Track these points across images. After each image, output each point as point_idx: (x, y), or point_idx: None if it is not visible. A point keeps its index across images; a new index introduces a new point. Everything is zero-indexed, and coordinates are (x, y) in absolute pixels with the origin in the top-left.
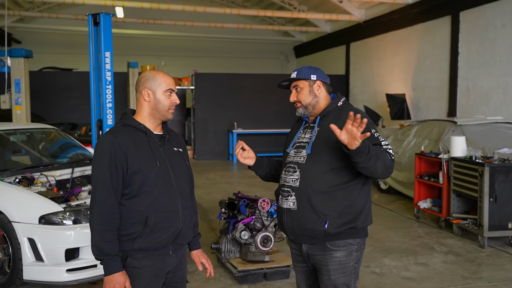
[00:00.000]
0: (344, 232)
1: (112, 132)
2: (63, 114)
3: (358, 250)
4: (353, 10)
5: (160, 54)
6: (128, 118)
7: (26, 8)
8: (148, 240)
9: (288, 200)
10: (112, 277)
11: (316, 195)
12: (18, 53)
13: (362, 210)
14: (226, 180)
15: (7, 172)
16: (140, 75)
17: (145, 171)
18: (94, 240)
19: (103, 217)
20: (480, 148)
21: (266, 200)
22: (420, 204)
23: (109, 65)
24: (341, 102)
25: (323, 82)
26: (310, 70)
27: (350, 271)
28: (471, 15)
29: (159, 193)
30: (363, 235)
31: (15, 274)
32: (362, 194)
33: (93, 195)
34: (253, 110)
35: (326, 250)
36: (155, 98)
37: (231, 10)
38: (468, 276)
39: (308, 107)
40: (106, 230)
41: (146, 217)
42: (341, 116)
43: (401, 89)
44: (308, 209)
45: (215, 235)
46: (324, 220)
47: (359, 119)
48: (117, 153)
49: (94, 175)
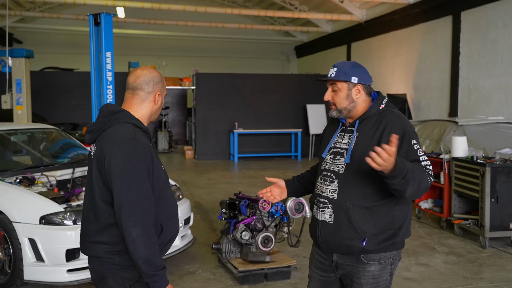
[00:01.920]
0: (381, 247)
1: (138, 136)
2: (64, 114)
3: (393, 263)
4: (354, 10)
5: (161, 54)
6: (133, 118)
7: (27, 8)
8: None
9: (324, 212)
10: None
11: (356, 210)
12: (19, 53)
13: (402, 225)
14: (227, 180)
15: (8, 172)
16: (148, 74)
17: (159, 175)
18: (146, 256)
19: (151, 230)
20: (482, 148)
21: (267, 201)
22: (421, 204)
23: (110, 65)
24: (383, 104)
25: (363, 85)
26: (352, 70)
27: (383, 284)
28: (472, 15)
29: (167, 198)
30: (400, 247)
31: (16, 274)
32: (403, 207)
33: (134, 207)
34: (254, 110)
35: (360, 263)
36: (161, 102)
37: (232, 10)
38: (469, 276)
39: (343, 112)
40: (156, 243)
41: (161, 224)
42: (381, 122)
43: (402, 89)
44: (346, 224)
45: (215, 236)
46: (362, 237)
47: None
48: (148, 159)
49: (132, 185)
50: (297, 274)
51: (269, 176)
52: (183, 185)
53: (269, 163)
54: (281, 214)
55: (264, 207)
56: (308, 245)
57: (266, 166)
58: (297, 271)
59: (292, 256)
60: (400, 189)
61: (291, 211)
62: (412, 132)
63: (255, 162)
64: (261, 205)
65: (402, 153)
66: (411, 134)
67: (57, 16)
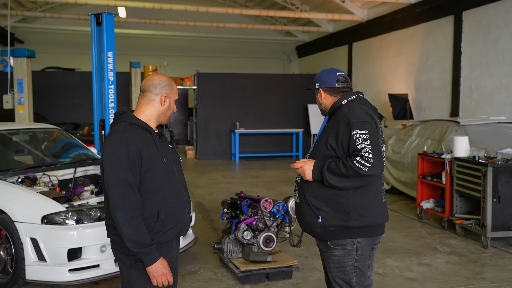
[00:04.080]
0: (341, 231)
1: (124, 131)
2: (66, 114)
3: (359, 250)
4: (355, 10)
5: (163, 54)
6: (132, 117)
7: (28, 8)
8: (159, 233)
9: (295, 195)
10: (157, 265)
11: (310, 191)
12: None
13: (356, 209)
14: (228, 180)
15: (9, 172)
16: (156, 78)
17: (156, 168)
18: (129, 235)
19: (133, 212)
20: (483, 148)
21: (269, 200)
22: (423, 204)
23: (112, 65)
24: (346, 100)
25: (325, 88)
26: (317, 77)
27: (349, 270)
28: (474, 14)
29: (168, 189)
30: (365, 234)
31: (18, 274)
32: (357, 193)
33: (116, 193)
34: (256, 110)
35: (328, 248)
36: (168, 104)
37: (233, 10)
38: (471, 276)
39: (322, 112)
40: (139, 223)
41: (158, 212)
42: (336, 116)
43: (404, 89)
44: (305, 203)
45: (217, 235)
46: (317, 214)
47: (298, 169)
48: (133, 151)
49: (114, 175)
50: (298, 274)
51: (269, 176)
52: None
53: (271, 163)
54: (282, 214)
55: (265, 207)
56: (309, 245)
57: (267, 166)
58: (299, 271)
59: (293, 256)
60: (331, 187)
61: (293, 210)
62: (357, 121)
63: (256, 162)
64: (262, 205)
65: (346, 144)
66: (354, 124)
67: (58, 16)
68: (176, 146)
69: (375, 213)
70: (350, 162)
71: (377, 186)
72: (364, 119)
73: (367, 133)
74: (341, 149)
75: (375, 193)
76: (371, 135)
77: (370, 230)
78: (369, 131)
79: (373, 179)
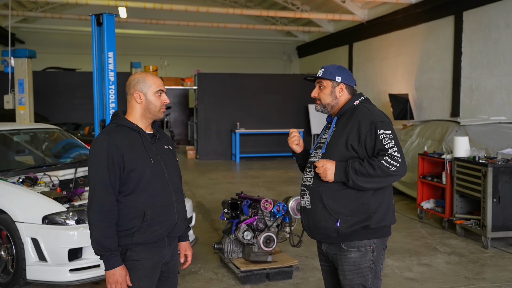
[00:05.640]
0: (357, 232)
1: (108, 132)
2: (66, 114)
3: (374, 251)
4: (356, 10)
5: (163, 54)
6: (121, 118)
7: (29, 9)
8: (146, 234)
9: (304, 199)
10: (114, 271)
11: (327, 193)
12: (21, 53)
13: (376, 210)
14: (228, 180)
15: (10, 172)
16: (130, 78)
17: (141, 169)
18: (95, 236)
19: (104, 214)
20: (484, 148)
21: (269, 201)
22: (423, 204)
23: (112, 65)
24: (358, 101)
25: (346, 85)
26: (337, 71)
27: (365, 271)
28: (474, 15)
29: (155, 189)
30: (380, 235)
31: (19, 274)
32: (377, 193)
33: (91, 193)
34: (256, 110)
35: (341, 251)
36: (146, 99)
37: (234, 10)
38: (471, 276)
39: (326, 107)
40: (107, 226)
41: (144, 212)
42: (352, 116)
43: (404, 89)
44: (320, 207)
45: (217, 235)
46: (335, 218)
47: (319, 169)
48: (114, 152)
49: (92, 174)
50: (299, 274)
51: (270, 177)
52: (185, 185)
53: (271, 163)
54: (283, 214)
55: (266, 207)
56: (310, 245)
57: (268, 166)
58: (299, 271)
59: (294, 256)
60: (355, 187)
61: (293, 211)
62: (380, 121)
63: (257, 162)
64: (263, 205)
65: (372, 144)
66: (378, 124)
67: (59, 16)
68: (177, 146)
69: (392, 214)
70: (378, 162)
71: (391, 187)
72: (386, 120)
73: (391, 133)
74: (364, 149)
75: (390, 193)
76: (395, 135)
77: (384, 230)
78: (392, 132)
79: (399, 178)
